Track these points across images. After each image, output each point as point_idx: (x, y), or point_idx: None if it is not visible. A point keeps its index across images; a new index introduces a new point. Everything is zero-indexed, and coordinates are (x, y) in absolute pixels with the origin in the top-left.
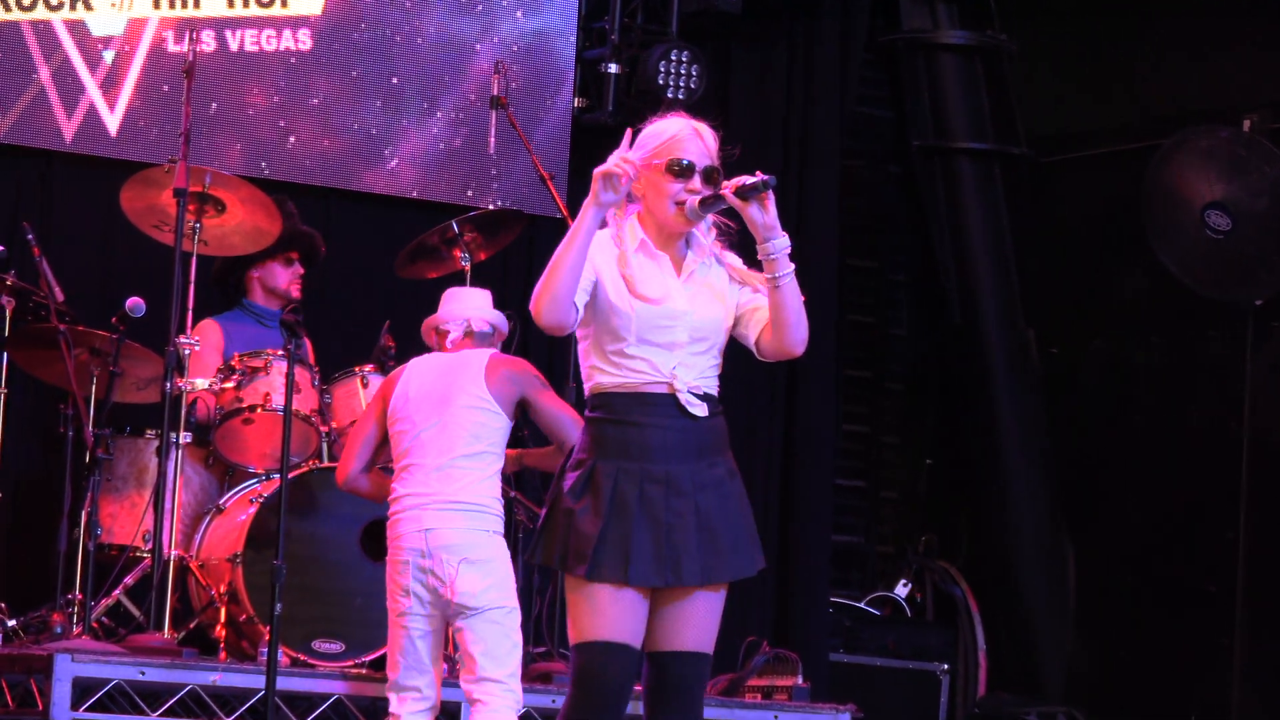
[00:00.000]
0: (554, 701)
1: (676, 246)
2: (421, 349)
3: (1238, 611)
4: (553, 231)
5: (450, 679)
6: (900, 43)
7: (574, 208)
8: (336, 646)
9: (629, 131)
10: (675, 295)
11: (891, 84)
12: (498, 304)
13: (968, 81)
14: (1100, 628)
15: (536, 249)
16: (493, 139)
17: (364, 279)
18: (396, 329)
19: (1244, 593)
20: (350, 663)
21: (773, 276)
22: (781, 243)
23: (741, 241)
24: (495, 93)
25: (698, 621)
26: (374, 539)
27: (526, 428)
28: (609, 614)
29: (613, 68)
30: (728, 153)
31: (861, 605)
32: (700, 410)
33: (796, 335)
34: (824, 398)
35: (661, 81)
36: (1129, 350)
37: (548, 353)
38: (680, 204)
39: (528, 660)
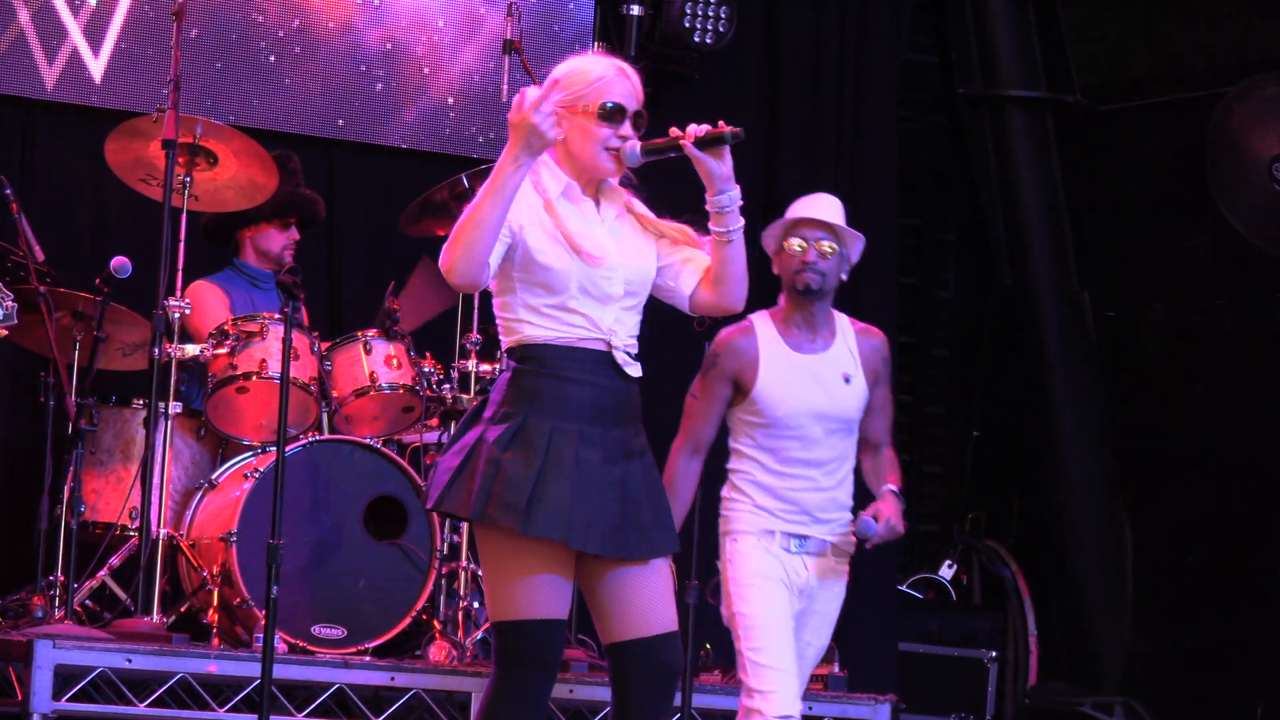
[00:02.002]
0: (571, 691)
1: (590, 192)
2: (434, 319)
3: None
4: None
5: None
6: None
7: None
8: (338, 632)
9: (521, 92)
10: (607, 245)
11: (937, 28)
12: None
13: (1018, 24)
14: (1161, 613)
15: None
16: (505, 86)
17: (368, 237)
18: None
19: None
20: (352, 649)
21: (724, 230)
22: (735, 194)
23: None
24: (508, 36)
25: (657, 598)
26: (378, 517)
27: None
28: (542, 586)
29: (635, 9)
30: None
31: (903, 588)
32: (635, 371)
33: (740, 292)
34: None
35: (688, 24)
36: (1192, 315)
37: None
38: (612, 150)
39: None
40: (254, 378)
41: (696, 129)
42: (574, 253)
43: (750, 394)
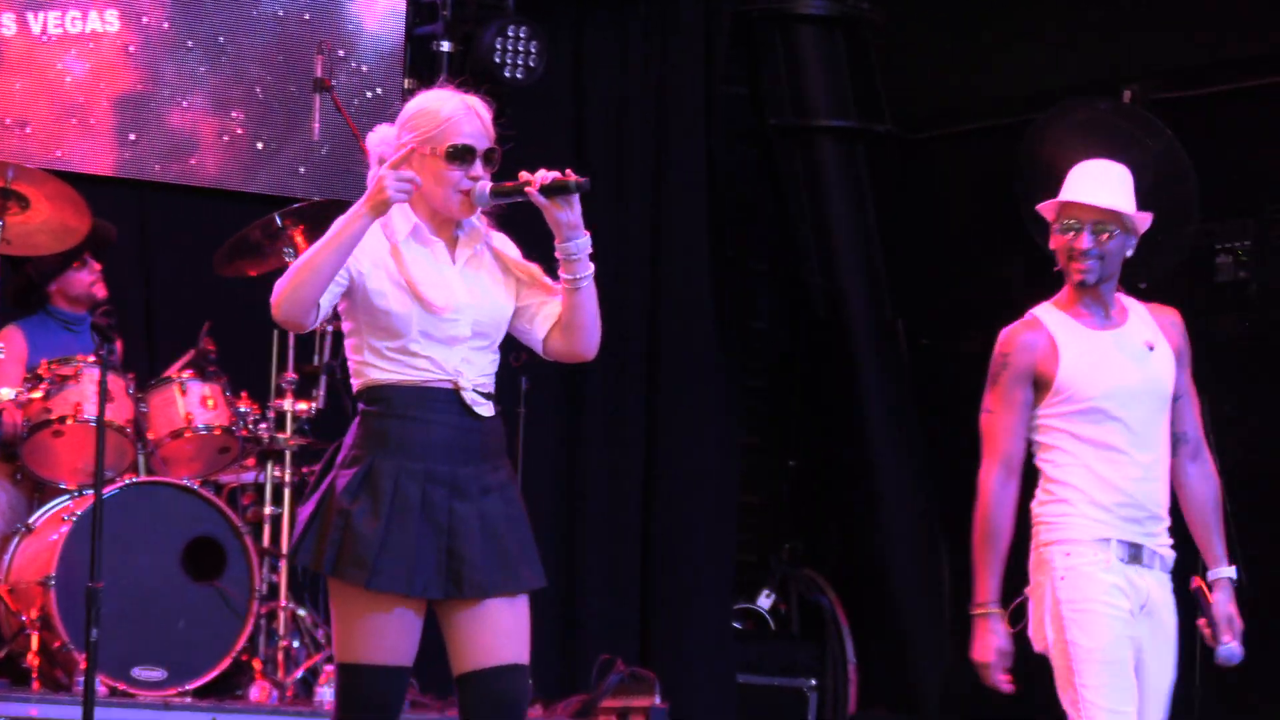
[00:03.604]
0: None
1: (448, 231)
2: (249, 358)
3: None
4: None
5: None
6: (755, 13)
7: None
8: (158, 674)
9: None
10: (455, 288)
11: (748, 59)
12: None
13: (828, 55)
14: None
15: None
16: (316, 124)
17: (181, 277)
18: (218, 331)
19: None
20: (173, 691)
21: (573, 278)
22: (584, 241)
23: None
24: (319, 74)
25: (508, 631)
26: (196, 559)
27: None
28: (386, 634)
29: (445, 46)
30: (506, 133)
31: None
32: (487, 410)
33: (592, 339)
34: (711, 403)
35: (498, 60)
36: None
37: None
38: (465, 192)
39: None
40: (69, 421)
41: (544, 175)
42: (415, 298)
43: (1054, 384)
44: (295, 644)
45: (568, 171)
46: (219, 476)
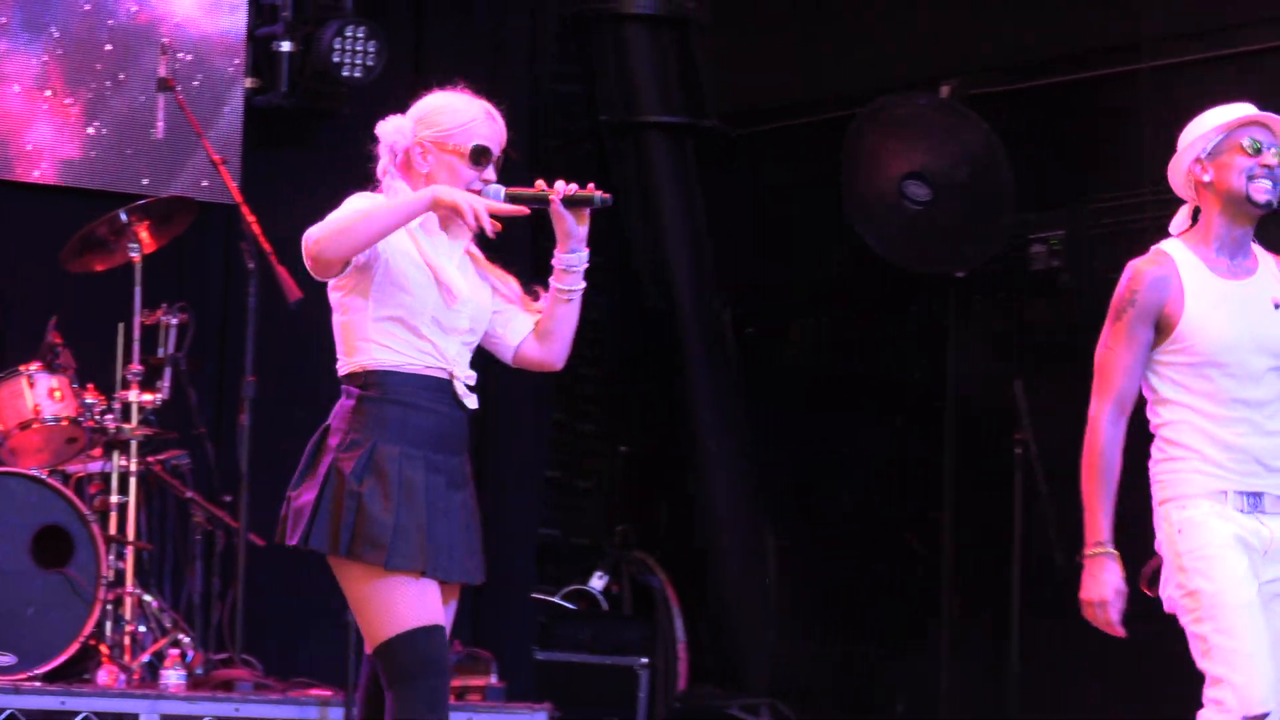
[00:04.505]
0: (237, 710)
1: (444, 228)
2: (95, 351)
3: (944, 593)
4: (226, 219)
5: None
6: (589, 13)
7: (247, 193)
8: (8, 659)
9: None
10: (458, 281)
11: (582, 58)
12: (173, 296)
13: (656, 53)
14: (804, 616)
15: (209, 238)
16: (160, 123)
17: (28, 273)
18: (65, 325)
19: (950, 574)
20: (23, 675)
21: (567, 289)
22: (585, 255)
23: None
24: (162, 74)
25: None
26: (45, 547)
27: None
28: (414, 602)
29: (286, 46)
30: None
31: (556, 600)
32: (473, 402)
33: (565, 351)
34: (531, 388)
35: (337, 60)
36: (830, 328)
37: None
38: (475, 191)
39: (208, 667)
40: None
41: (565, 187)
42: (435, 284)
43: (1174, 331)
44: (141, 629)
45: (590, 186)
46: (66, 466)
